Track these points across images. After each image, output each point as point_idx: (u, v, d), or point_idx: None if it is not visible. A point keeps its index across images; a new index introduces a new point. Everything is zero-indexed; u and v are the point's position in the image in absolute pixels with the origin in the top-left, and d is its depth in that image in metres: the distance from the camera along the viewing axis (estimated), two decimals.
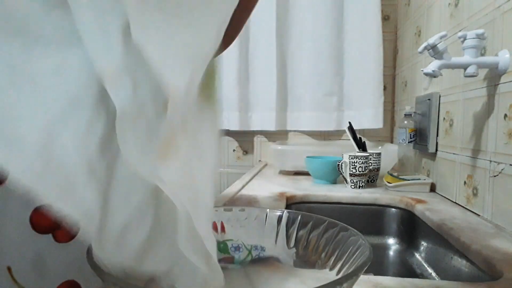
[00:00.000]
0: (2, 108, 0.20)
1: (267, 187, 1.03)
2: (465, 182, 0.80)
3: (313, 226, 0.36)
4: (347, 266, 0.30)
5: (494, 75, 0.69)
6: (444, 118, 0.94)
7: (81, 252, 0.37)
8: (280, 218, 0.39)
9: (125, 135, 0.21)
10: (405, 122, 1.09)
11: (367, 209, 0.95)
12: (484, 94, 0.73)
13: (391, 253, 0.91)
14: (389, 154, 1.17)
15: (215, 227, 0.40)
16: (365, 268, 0.25)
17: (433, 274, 0.73)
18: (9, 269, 0.35)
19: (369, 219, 0.95)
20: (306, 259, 0.36)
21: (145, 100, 0.21)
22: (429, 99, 0.99)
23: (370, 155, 1.08)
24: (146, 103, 0.21)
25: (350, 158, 1.02)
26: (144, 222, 0.25)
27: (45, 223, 0.36)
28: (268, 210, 0.39)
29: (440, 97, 0.96)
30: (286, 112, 1.55)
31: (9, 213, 0.35)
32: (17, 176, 0.22)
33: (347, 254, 0.31)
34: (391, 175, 1.03)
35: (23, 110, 0.21)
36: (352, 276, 0.23)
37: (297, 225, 0.37)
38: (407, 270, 0.81)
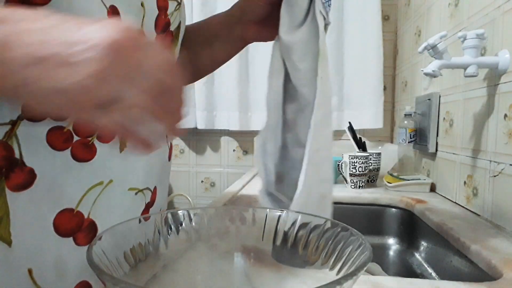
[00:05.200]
0: None
1: None
2: (465, 182, 0.80)
3: (313, 226, 0.36)
4: (347, 266, 0.30)
5: (494, 75, 0.69)
6: (444, 118, 0.94)
7: None
8: (280, 218, 0.39)
9: None
10: (405, 122, 1.09)
11: (367, 209, 0.95)
12: (484, 94, 0.73)
13: (391, 253, 0.91)
14: (389, 154, 1.17)
15: None
16: (365, 268, 0.25)
17: (433, 274, 0.73)
18: (29, 271, 0.36)
19: (369, 219, 0.95)
20: (306, 259, 0.36)
21: None
22: (429, 99, 0.99)
23: (370, 155, 1.08)
24: None
25: (350, 158, 1.02)
26: None
27: (68, 227, 0.37)
28: (268, 210, 0.39)
29: (440, 97, 0.96)
30: None
31: (33, 216, 0.36)
32: None
33: (347, 254, 0.31)
34: (391, 175, 1.03)
35: None
36: (352, 276, 0.23)
37: (297, 225, 0.37)
38: (407, 270, 0.81)
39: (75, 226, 0.38)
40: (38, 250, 0.36)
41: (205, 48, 0.60)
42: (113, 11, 0.38)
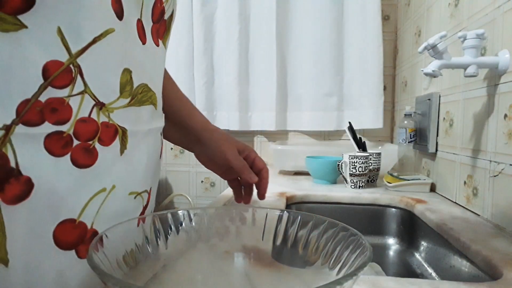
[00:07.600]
0: None
1: None
2: (465, 182, 0.80)
3: (313, 226, 0.36)
4: (347, 266, 0.30)
5: (494, 75, 0.69)
6: (444, 118, 0.94)
7: None
8: (280, 218, 0.39)
9: None
10: (405, 122, 1.09)
11: (367, 209, 0.95)
12: (484, 94, 0.73)
13: (391, 253, 0.91)
14: (389, 154, 1.17)
15: None
16: (365, 268, 0.25)
17: (433, 274, 0.73)
18: None
19: (369, 219, 0.95)
20: (306, 259, 0.36)
21: None
22: (429, 99, 0.99)
23: (370, 155, 1.08)
24: None
25: (350, 158, 1.02)
26: None
27: (69, 239, 0.35)
28: (268, 210, 0.39)
29: (440, 97, 0.96)
30: (286, 112, 1.55)
31: (31, 229, 0.33)
32: None
33: (347, 254, 0.31)
34: (391, 175, 1.03)
35: None
36: (352, 276, 0.23)
37: (297, 225, 0.37)
38: (407, 270, 0.81)
39: (77, 238, 0.35)
40: (37, 266, 0.33)
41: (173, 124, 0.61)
42: (116, 1, 0.37)
